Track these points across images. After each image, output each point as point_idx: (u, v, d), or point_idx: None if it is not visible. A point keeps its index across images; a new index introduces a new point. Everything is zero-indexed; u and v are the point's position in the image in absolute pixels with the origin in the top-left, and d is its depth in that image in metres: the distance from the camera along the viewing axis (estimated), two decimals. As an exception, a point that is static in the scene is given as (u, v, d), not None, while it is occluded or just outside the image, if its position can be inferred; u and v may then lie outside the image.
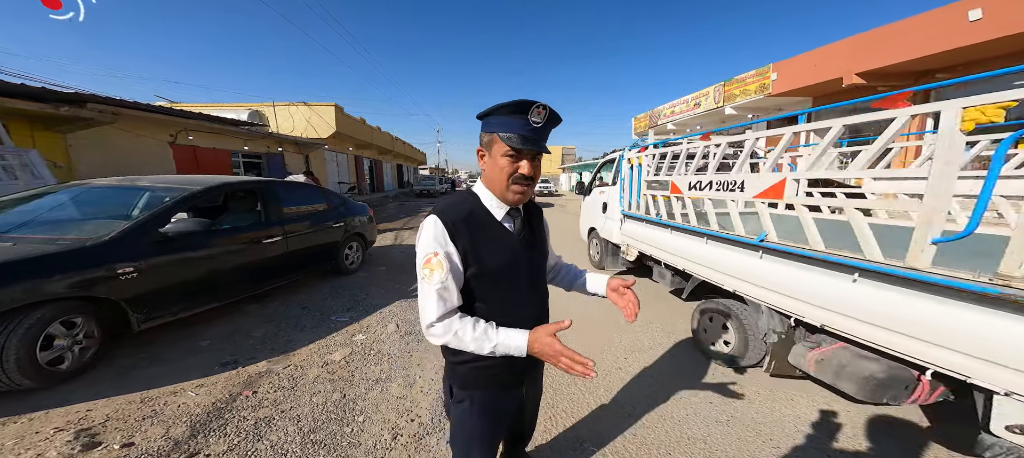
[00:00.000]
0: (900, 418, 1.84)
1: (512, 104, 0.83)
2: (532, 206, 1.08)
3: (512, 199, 0.92)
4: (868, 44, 8.51)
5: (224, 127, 10.46)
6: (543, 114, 0.84)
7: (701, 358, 2.50)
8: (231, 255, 3.26)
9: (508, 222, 0.95)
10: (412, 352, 2.78)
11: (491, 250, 0.91)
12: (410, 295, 4.11)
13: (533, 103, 0.83)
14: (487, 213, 0.93)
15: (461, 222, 0.88)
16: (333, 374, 2.48)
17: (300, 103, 15.68)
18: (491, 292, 0.93)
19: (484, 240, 0.90)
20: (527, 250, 0.98)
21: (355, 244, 5.01)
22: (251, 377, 2.45)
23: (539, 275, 1.06)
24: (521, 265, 0.96)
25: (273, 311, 3.60)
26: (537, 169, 0.89)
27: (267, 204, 3.71)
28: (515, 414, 1.17)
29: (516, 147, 0.84)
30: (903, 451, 1.64)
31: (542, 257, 1.08)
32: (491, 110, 0.86)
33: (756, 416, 1.91)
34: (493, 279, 0.92)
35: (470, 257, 0.89)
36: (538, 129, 0.85)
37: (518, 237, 0.96)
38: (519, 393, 1.10)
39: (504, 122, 0.85)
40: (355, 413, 2.07)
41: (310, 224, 4.20)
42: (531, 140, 0.84)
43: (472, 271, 0.90)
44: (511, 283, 0.95)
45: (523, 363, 0.92)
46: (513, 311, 0.95)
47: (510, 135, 0.84)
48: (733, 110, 12.88)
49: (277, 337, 3.04)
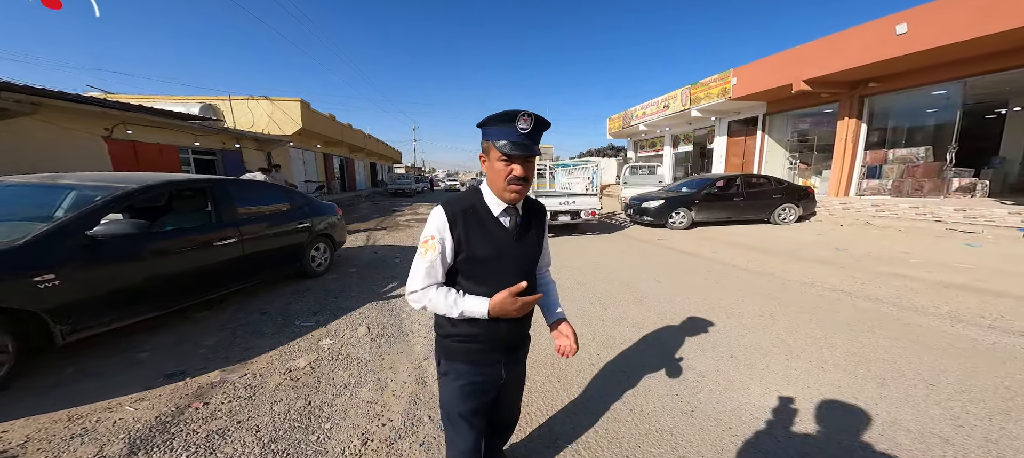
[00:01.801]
0: (849, 403, 2.03)
1: (502, 114, 0.96)
2: (534, 206, 1.19)
3: (509, 198, 1.03)
4: (813, 53, 9.41)
5: (170, 121, 9.64)
6: (529, 121, 0.95)
7: (667, 352, 2.62)
8: (175, 259, 3.00)
9: (505, 218, 1.07)
10: (384, 355, 2.68)
11: (483, 240, 1.03)
12: (383, 297, 3.98)
13: (520, 112, 0.94)
14: (486, 209, 1.06)
15: (461, 214, 1.03)
16: (297, 381, 2.34)
17: (261, 97, 14.84)
18: (482, 277, 1.05)
19: (479, 231, 1.03)
20: (518, 245, 1.09)
21: (322, 245, 4.79)
22: (201, 388, 2.25)
23: (528, 268, 1.15)
24: (509, 256, 1.07)
25: (227, 318, 3.34)
26: (530, 170, 1.01)
27: (219, 204, 3.45)
28: (495, 400, 1.23)
29: (508, 153, 0.95)
30: (847, 430, 1.80)
31: (533, 252, 1.16)
32: (486, 120, 0.99)
33: (717, 405, 2.02)
34: (483, 265, 1.05)
35: (464, 244, 1.02)
36: (527, 134, 0.96)
37: (512, 232, 1.07)
38: (498, 372, 1.16)
39: (497, 131, 0.97)
40: (321, 420, 1.96)
41: (270, 225, 3.97)
42: (521, 145, 0.95)
43: (464, 256, 1.03)
44: (500, 271, 1.05)
45: (503, 342, 1.12)
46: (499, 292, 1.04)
47: (502, 142, 0.96)
48: (698, 113, 13.78)
49: (232, 345, 2.83)
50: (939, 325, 3.03)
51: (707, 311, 3.44)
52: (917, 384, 2.18)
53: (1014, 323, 3.02)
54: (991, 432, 1.75)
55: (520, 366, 1.31)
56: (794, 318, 3.24)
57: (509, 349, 1.16)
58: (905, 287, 4.02)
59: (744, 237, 7.41)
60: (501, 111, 0.96)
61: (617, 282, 4.47)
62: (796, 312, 3.38)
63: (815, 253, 5.83)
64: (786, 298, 3.78)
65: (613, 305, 3.69)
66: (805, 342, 2.76)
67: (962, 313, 3.26)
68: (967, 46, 6.94)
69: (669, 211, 8.52)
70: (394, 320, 3.34)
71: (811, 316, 3.28)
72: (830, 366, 2.41)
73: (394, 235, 8.20)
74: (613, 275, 4.80)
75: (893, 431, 1.78)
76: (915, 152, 9.62)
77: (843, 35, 8.73)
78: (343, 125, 21.54)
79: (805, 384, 2.21)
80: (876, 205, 8.72)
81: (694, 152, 17.27)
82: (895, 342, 2.74)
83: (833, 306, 3.52)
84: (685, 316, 3.33)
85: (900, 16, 7.50)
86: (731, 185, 8.97)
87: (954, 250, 5.77)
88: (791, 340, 2.80)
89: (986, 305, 3.43)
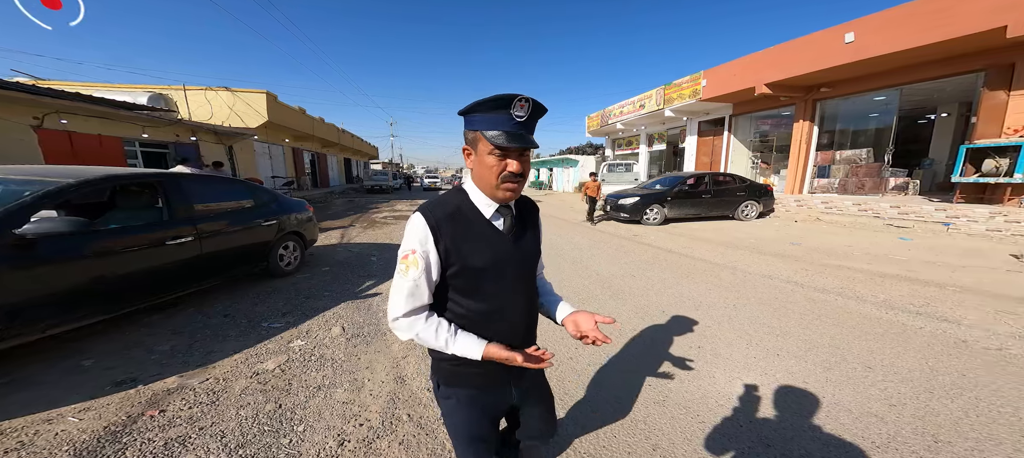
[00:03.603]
0: (800, 387, 2.20)
1: (493, 99, 0.79)
2: (526, 203, 1.04)
3: (503, 197, 0.88)
4: (774, 58, 9.98)
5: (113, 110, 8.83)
6: (526, 107, 0.81)
7: (642, 345, 2.73)
8: (122, 259, 2.79)
9: (497, 220, 0.92)
10: (360, 355, 2.62)
11: (475, 248, 0.88)
12: (358, 296, 3.87)
13: (515, 96, 0.79)
14: (475, 211, 0.91)
15: (445, 219, 0.87)
16: (265, 384, 2.24)
17: (221, 88, 13.89)
18: (478, 291, 0.91)
19: (469, 238, 0.88)
20: (516, 249, 0.95)
21: (292, 243, 4.59)
22: (157, 395, 2.12)
23: (527, 274, 1.00)
24: (507, 264, 0.93)
25: (185, 321, 3.14)
26: (526, 164, 0.86)
27: (172, 200, 3.22)
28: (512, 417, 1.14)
29: (502, 145, 0.80)
30: (799, 413, 1.96)
31: (533, 255, 1.02)
32: (472, 106, 0.82)
33: (686, 394, 2.13)
34: (477, 276, 0.90)
35: (452, 255, 0.87)
36: (523, 123, 0.82)
37: (507, 235, 0.93)
38: (507, 392, 1.04)
39: (487, 119, 0.81)
40: (293, 422, 1.90)
41: (231, 222, 3.75)
42: (517, 136, 0.81)
43: (455, 268, 0.88)
44: (496, 281, 0.92)
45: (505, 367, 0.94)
46: (499, 308, 0.94)
47: (495, 132, 0.80)
48: (671, 113, 14.28)
49: (191, 349, 2.67)
50: (876, 312, 3.34)
51: (678, 304, 3.61)
52: (857, 367, 2.40)
53: (938, 308, 3.38)
54: (918, 410, 1.97)
55: (531, 381, 1.11)
56: (754, 309, 3.47)
57: (514, 370, 0.98)
58: (848, 278, 4.40)
59: (712, 233, 7.81)
60: (492, 96, 0.79)
61: (594, 277, 4.60)
62: (756, 304, 3.62)
63: (773, 247, 6.24)
64: (747, 290, 4.03)
65: (591, 300, 3.80)
66: (763, 332, 2.97)
67: (895, 301, 3.61)
68: (904, 56, 7.63)
69: (644, 208, 8.83)
70: (370, 319, 3.27)
71: (769, 307, 3.53)
72: (785, 353, 2.60)
73: (371, 233, 7.97)
74: (590, 270, 4.93)
75: (837, 412, 1.95)
76: (858, 153, 10.48)
77: (800, 41, 9.33)
78: (314, 119, 20.60)
79: (763, 371, 2.38)
80: (825, 202, 9.44)
81: (668, 151, 17.91)
82: (839, 329, 3.00)
83: (788, 297, 3.79)
84: (659, 309, 3.48)
85: (849, 25, 8.13)
86: (700, 183, 9.41)
87: (890, 243, 6.36)
88: (751, 330, 3.00)
89: (915, 293, 3.82)
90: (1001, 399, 2.02)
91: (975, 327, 2.96)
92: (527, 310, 1.01)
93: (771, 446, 1.70)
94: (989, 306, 3.41)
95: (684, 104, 13.26)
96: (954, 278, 4.29)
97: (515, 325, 0.98)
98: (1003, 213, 6.50)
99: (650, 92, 15.16)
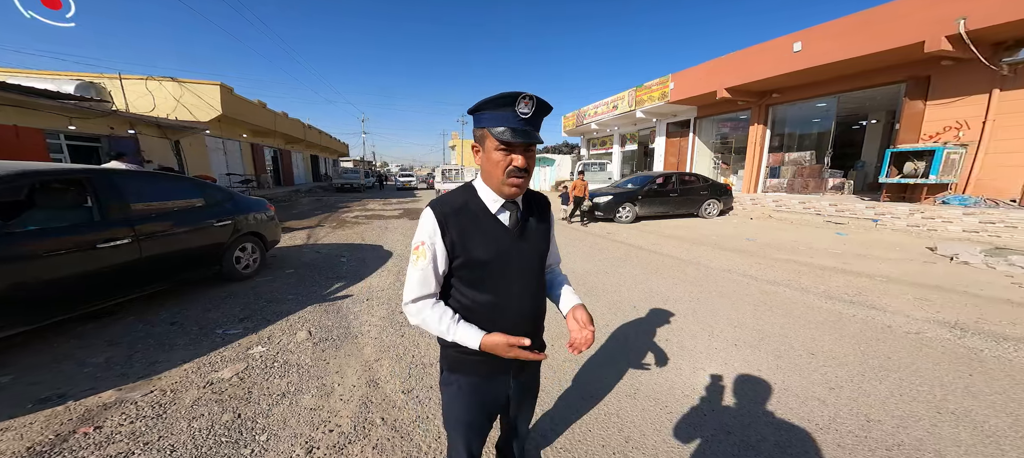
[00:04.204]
0: (755, 375, 2.38)
1: (499, 97, 0.83)
2: (537, 199, 1.07)
3: (508, 192, 0.92)
4: (733, 64, 10.58)
5: (29, 99, 7.82)
6: (530, 104, 0.84)
7: (616, 340, 2.83)
8: (43, 264, 2.51)
9: (503, 215, 0.96)
10: (329, 359, 2.51)
11: (480, 242, 0.92)
12: (326, 298, 3.70)
13: (520, 94, 0.83)
14: (482, 206, 0.95)
15: (453, 214, 0.92)
16: (221, 394, 2.10)
17: (166, 78, 12.69)
18: (482, 283, 0.95)
19: (474, 232, 0.92)
20: (521, 243, 0.98)
21: (250, 245, 4.31)
22: (90, 411, 1.93)
23: (533, 268, 1.02)
24: (512, 258, 0.96)
25: (123, 331, 2.88)
26: (531, 160, 0.90)
27: (104, 199, 2.92)
28: (505, 408, 1.16)
29: (507, 141, 0.84)
30: (754, 399, 2.12)
31: (539, 251, 1.05)
32: (480, 105, 0.86)
33: (655, 386, 2.24)
34: (481, 269, 0.94)
35: (458, 248, 0.92)
36: (528, 119, 0.86)
37: (513, 230, 0.96)
38: (506, 383, 1.07)
39: (493, 116, 0.85)
40: (255, 432, 1.80)
41: (178, 223, 3.47)
42: (521, 132, 0.85)
43: (460, 261, 0.93)
44: (500, 274, 0.96)
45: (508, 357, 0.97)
46: (503, 301, 0.97)
47: (500, 129, 0.84)
48: (642, 114, 14.77)
49: (131, 361, 2.45)
50: (817, 302, 3.67)
51: (648, 299, 3.76)
52: (802, 354, 2.62)
53: (868, 297, 3.77)
54: (853, 392, 2.18)
55: (528, 375, 1.16)
56: (715, 302, 3.69)
57: (515, 362, 1.03)
58: (795, 271, 4.79)
59: (678, 229, 8.21)
60: (498, 93, 0.84)
61: (571, 275, 4.62)
62: (717, 297, 3.86)
63: (732, 243, 6.67)
64: (709, 284, 4.28)
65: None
66: (723, 323, 3.17)
67: (833, 291, 3.98)
68: (841, 66, 8.37)
69: (617, 206, 9.12)
70: (340, 322, 3.14)
71: (728, 299, 3.77)
72: (742, 344, 2.79)
73: (341, 233, 7.62)
74: (567, 268, 4.96)
75: (786, 398, 2.12)
76: (803, 155, 11.40)
77: (756, 48, 9.98)
78: (276, 113, 19.41)
79: (723, 361, 2.54)
80: (776, 201, 10.20)
81: (639, 151, 18.52)
82: (787, 318, 3.26)
83: (744, 290, 4.07)
84: (630, 305, 3.61)
85: (798, 35, 8.81)
86: (668, 182, 9.86)
87: (829, 238, 6.99)
88: (712, 322, 3.19)
89: (849, 283, 4.23)
90: (920, 378, 2.29)
91: (898, 313, 3.33)
92: (532, 303, 1.03)
93: (731, 433, 1.82)
94: (909, 294, 3.84)
95: (653, 106, 13.78)
96: (881, 269, 4.79)
97: (519, 318, 1.00)
98: (921, 210, 7.34)
99: (623, 93, 15.62)
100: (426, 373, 2.35)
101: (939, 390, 2.16)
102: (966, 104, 7.35)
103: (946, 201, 7.36)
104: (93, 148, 10.21)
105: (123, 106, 11.55)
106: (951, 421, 1.89)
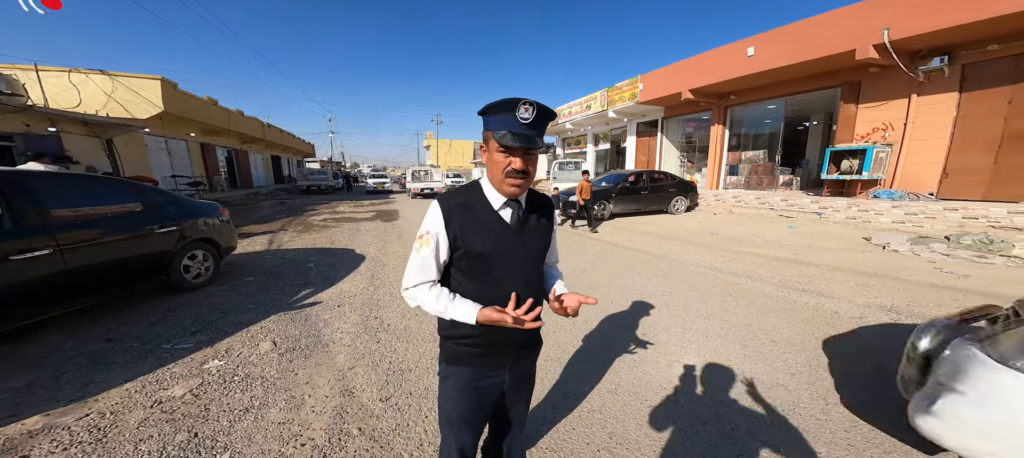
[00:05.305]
0: (724, 365, 2.50)
1: (502, 102, 0.89)
2: (541, 199, 1.13)
3: (508, 192, 0.98)
4: (696, 67, 11.10)
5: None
6: (531, 110, 0.88)
7: (595, 337, 2.87)
8: None
9: (505, 212, 1.02)
10: (297, 370, 2.35)
11: (480, 235, 0.98)
12: (292, 307, 3.47)
13: (521, 101, 0.87)
14: (485, 202, 1.01)
15: (457, 208, 0.98)
16: (172, 413, 1.91)
17: (93, 71, 11.33)
18: (480, 274, 1.01)
19: (475, 226, 0.99)
20: (520, 240, 1.03)
21: (201, 252, 3.95)
22: (12, 439, 1.71)
23: (531, 263, 1.08)
24: (510, 252, 1.01)
25: (47, 350, 2.56)
26: (531, 163, 0.94)
27: (15, 204, 2.58)
28: (499, 403, 1.17)
29: (507, 144, 0.89)
30: (724, 388, 2.22)
31: (538, 247, 1.09)
32: (487, 108, 0.92)
33: (634, 381, 2.29)
34: (480, 261, 1.00)
35: (459, 239, 0.98)
36: (529, 125, 0.90)
37: (513, 227, 1.02)
38: (502, 376, 1.11)
39: (497, 120, 0.91)
40: (215, 451, 1.65)
41: (110, 230, 3.11)
42: (521, 136, 0.89)
43: (460, 251, 0.99)
44: (499, 267, 1.01)
45: (510, 343, 1.07)
46: (501, 293, 1.00)
47: (502, 133, 0.90)
48: (614, 114, 15.13)
49: (58, 383, 2.18)
50: (774, 291, 3.93)
51: (624, 295, 3.86)
52: (764, 342, 2.80)
53: (817, 285, 4.10)
54: (811, 376, 2.35)
55: (524, 367, 1.18)
56: (686, 295, 3.85)
57: (517, 348, 1.10)
58: (754, 262, 5.12)
59: (650, 226, 8.51)
60: (502, 99, 0.89)
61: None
62: (687, 290, 4.03)
63: (698, 238, 7.01)
64: (679, 278, 4.47)
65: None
66: (693, 315, 3.31)
67: (787, 280, 4.29)
68: (787, 70, 9.06)
69: (593, 204, 9.27)
70: (308, 331, 2.96)
71: (697, 292, 3.95)
72: (711, 335, 2.93)
73: (308, 237, 7.18)
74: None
75: (754, 385, 2.25)
76: (757, 154, 12.23)
77: (715, 52, 10.54)
78: (230, 111, 17.89)
79: (696, 352, 2.65)
80: (735, 197, 10.87)
81: (612, 150, 18.98)
82: (750, 308, 3.47)
83: (711, 282, 4.29)
84: (608, 301, 3.68)
85: (751, 40, 9.40)
86: (640, 180, 10.20)
87: (782, 231, 7.55)
88: (684, 315, 3.33)
89: (801, 273, 4.59)
90: (866, 357, 2.51)
91: (843, 300, 3.64)
92: (529, 294, 1.05)
93: (707, 423, 1.90)
94: (851, 281, 4.22)
95: (624, 106, 14.19)
96: (826, 259, 5.23)
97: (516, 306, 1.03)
98: (857, 204, 8.11)
99: (595, 93, 15.94)
100: (405, 379, 2.26)
101: (882, 369, 2.37)
102: (891, 108, 8.20)
103: (877, 195, 8.18)
104: (6, 148, 8.95)
105: (40, 101, 10.19)
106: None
